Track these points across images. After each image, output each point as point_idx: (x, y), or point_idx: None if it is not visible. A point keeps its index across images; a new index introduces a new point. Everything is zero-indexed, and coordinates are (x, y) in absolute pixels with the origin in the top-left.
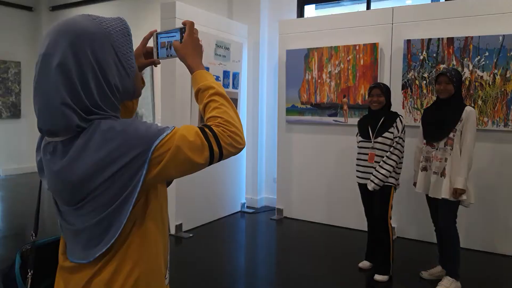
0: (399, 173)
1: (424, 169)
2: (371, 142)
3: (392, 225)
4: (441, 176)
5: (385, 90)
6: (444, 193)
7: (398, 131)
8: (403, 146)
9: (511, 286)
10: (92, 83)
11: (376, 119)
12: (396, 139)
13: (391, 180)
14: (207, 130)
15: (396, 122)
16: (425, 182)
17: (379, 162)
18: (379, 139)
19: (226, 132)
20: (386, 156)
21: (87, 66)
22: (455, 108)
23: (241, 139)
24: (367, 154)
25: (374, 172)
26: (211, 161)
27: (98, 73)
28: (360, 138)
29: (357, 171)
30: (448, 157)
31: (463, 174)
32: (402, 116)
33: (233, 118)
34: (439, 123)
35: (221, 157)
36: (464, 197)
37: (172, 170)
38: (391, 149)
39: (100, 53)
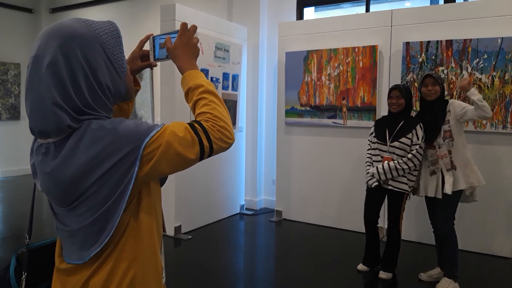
0: (414, 181)
1: (433, 172)
2: (386, 145)
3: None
4: (452, 169)
5: (405, 92)
6: (462, 185)
7: (417, 138)
8: (421, 155)
9: (508, 287)
10: (82, 83)
11: (394, 122)
12: (417, 147)
13: (405, 187)
14: (196, 125)
15: (416, 129)
16: (433, 186)
17: None
18: (396, 143)
19: (216, 126)
20: (403, 161)
21: (77, 66)
22: (442, 106)
23: (230, 134)
24: (381, 157)
25: (379, 167)
26: (201, 156)
27: (88, 73)
28: (375, 140)
29: (369, 172)
30: (451, 149)
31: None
32: (421, 124)
33: (222, 114)
34: (433, 123)
35: (212, 152)
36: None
37: (164, 166)
38: (409, 155)
39: (90, 53)
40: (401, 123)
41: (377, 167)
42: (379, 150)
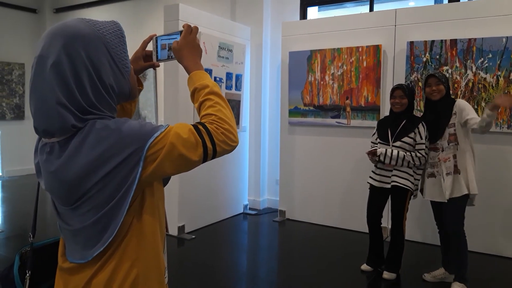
0: (418, 179)
1: (432, 175)
2: (389, 145)
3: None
4: (454, 174)
5: (408, 92)
6: (465, 190)
7: (421, 137)
8: (427, 154)
9: None
10: (86, 82)
11: (397, 121)
12: (424, 147)
13: (409, 184)
14: (200, 127)
15: (418, 128)
16: (434, 189)
17: (395, 165)
18: (398, 143)
19: (220, 129)
20: (411, 156)
21: (81, 66)
22: (447, 106)
23: (234, 137)
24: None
25: (389, 150)
26: (205, 158)
27: (92, 73)
28: (377, 140)
29: (373, 172)
30: (456, 153)
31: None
32: (423, 122)
33: (227, 116)
34: (436, 124)
35: (215, 155)
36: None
37: (167, 167)
38: (419, 155)
39: (94, 53)
40: (403, 123)
41: (386, 149)
42: None
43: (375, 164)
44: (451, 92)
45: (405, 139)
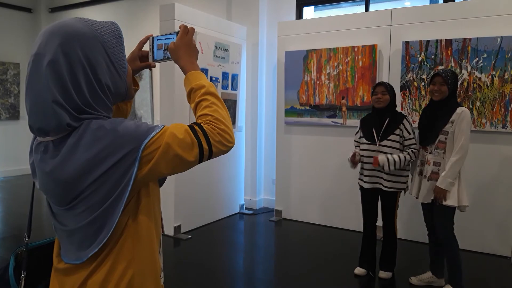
0: (407, 175)
1: (420, 173)
2: (376, 145)
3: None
4: (428, 180)
5: (390, 89)
6: (453, 201)
7: (409, 132)
8: (418, 150)
9: (508, 287)
10: (83, 81)
11: (380, 119)
12: (414, 142)
13: (402, 186)
14: (196, 127)
15: (403, 124)
16: (419, 187)
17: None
18: (385, 142)
19: (216, 129)
20: (408, 153)
21: (77, 65)
22: (447, 110)
23: (230, 137)
24: (371, 157)
25: (390, 157)
26: (200, 158)
27: (88, 72)
28: (363, 140)
29: (362, 174)
30: (441, 161)
31: (448, 176)
32: (407, 117)
33: (223, 116)
34: (430, 125)
35: (211, 155)
36: (449, 202)
37: (163, 167)
38: (415, 151)
39: (91, 53)
40: (386, 121)
41: (387, 158)
42: (369, 151)
43: (361, 165)
44: None
45: (392, 137)
